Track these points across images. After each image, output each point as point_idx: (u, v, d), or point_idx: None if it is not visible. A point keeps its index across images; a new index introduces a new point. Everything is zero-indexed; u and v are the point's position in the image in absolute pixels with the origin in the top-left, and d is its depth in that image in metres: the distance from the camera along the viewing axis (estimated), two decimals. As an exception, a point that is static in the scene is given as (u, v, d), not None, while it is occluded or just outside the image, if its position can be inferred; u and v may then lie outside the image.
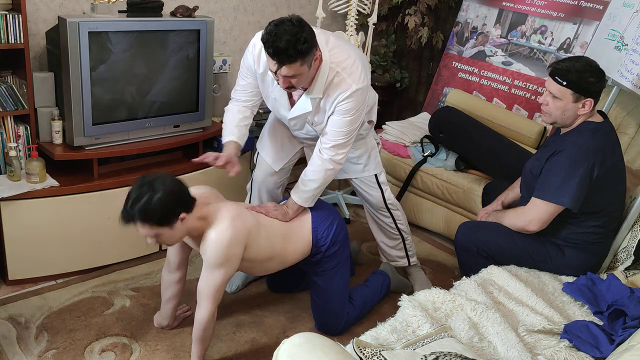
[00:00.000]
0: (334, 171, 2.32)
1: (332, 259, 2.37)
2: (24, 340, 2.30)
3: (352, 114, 2.22)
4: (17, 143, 2.63)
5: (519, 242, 2.33)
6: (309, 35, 2.02)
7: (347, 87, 2.17)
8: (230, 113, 2.42)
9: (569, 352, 1.82)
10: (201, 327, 2.12)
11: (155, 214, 1.93)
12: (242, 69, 2.36)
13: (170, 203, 1.94)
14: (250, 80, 2.35)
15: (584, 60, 2.21)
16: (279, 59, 2.02)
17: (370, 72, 2.34)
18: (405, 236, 2.80)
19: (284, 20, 2.02)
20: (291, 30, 1.98)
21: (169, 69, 2.91)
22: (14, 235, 2.56)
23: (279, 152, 2.59)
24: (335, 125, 2.24)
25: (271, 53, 2.02)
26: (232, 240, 2.05)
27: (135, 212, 1.92)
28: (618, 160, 2.30)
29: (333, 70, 2.18)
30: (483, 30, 3.81)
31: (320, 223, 2.35)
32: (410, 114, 4.28)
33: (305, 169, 2.36)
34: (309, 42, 2.01)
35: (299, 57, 2.01)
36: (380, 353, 1.51)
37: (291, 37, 1.97)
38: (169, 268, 2.34)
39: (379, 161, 2.70)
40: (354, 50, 2.29)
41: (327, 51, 2.17)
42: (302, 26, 2.01)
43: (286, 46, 1.97)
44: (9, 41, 2.47)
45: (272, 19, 2.06)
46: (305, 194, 2.33)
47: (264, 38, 2.02)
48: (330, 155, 2.28)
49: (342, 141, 2.27)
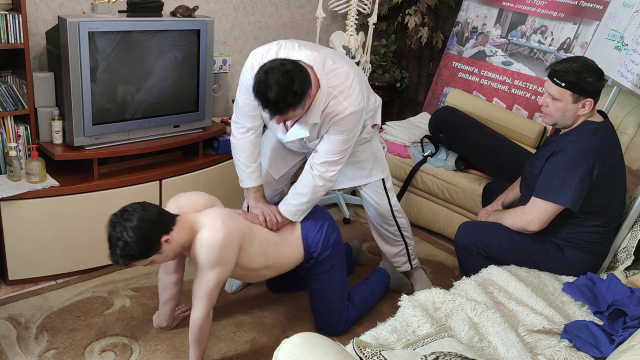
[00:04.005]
0: (323, 188, 2.29)
1: (325, 262, 2.36)
2: (24, 340, 2.30)
3: (345, 134, 2.20)
4: (17, 143, 2.63)
5: (519, 242, 2.33)
6: (299, 86, 1.96)
7: (343, 110, 2.14)
8: (240, 152, 2.36)
9: (569, 352, 1.82)
10: (197, 329, 2.12)
11: (136, 253, 1.96)
12: (240, 88, 2.26)
13: (146, 236, 1.95)
14: (252, 103, 2.19)
15: (582, 61, 2.21)
16: (270, 110, 1.99)
17: (368, 87, 2.30)
18: (408, 242, 2.78)
19: (273, 67, 1.96)
20: (281, 81, 1.92)
21: (168, 69, 2.91)
22: (14, 235, 2.56)
23: (280, 161, 2.58)
24: (328, 144, 2.22)
25: (262, 104, 1.99)
26: (226, 241, 2.04)
27: (119, 258, 1.97)
28: (618, 160, 2.30)
29: (330, 94, 2.14)
30: (483, 30, 3.81)
31: (309, 229, 2.33)
32: (410, 114, 4.29)
33: (295, 182, 2.34)
34: (299, 93, 1.97)
35: (290, 109, 1.99)
36: (380, 353, 1.52)
37: (281, 89, 1.92)
38: (166, 270, 2.33)
39: (385, 165, 2.65)
40: (353, 69, 2.24)
41: (325, 76, 2.13)
42: (292, 76, 1.95)
43: (276, 99, 1.94)
44: (9, 41, 2.47)
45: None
46: (292, 207, 2.31)
47: (254, 87, 1.98)
48: (321, 171, 2.25)
49: (334, 159, 2.24)
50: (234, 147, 2.38)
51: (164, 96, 2.94)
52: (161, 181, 2.90)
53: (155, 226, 1.98)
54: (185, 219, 2.08)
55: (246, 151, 2.35)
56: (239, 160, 2.37)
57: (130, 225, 1.93)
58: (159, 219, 2.01)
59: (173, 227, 2.02)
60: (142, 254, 1.98)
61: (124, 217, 1.96)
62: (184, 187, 2.87)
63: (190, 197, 2.24)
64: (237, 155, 2.38)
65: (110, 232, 1.97)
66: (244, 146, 2.35)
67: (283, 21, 3.90)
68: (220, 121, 3.32)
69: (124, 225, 1.94)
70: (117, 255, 1.96)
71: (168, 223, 2.02)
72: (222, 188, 3.10)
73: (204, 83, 3.05)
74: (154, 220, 1.99)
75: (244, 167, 2.37)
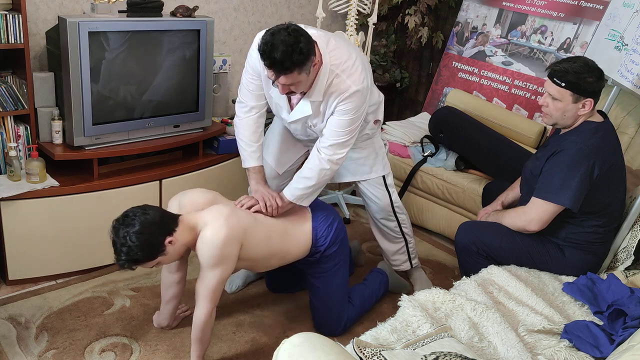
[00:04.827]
0: (330, 171, 2.31)
1: (331, 259, 2.36)
2: (24, 340, 2.30)
3: (352, 114, 2.21)
4: (17, 143, 2.63)
5: (519, 242, 2.33)
6: (305, 45, 1.99)
7: (347, 89, 2.16)
8: (243, 131, 2.38)
9: (569, 352, 1.82)
10: (199, 328, 2.12)
11: (141, 257, 1.97)
12: (247, 69, 2.32)
13: (149, 240, 1.96)
14: (257, 82, 2.31)
15: (582, 61, 2.21)
16: (275, 70, 2.00)
17: (371, 73, 2.33)
18: (408, 239, 2.79)
19: (280, 29, 1.99)
20: (287, 40, 1.95)
21: (169, 69, 2.91)
22: (14, 235, 2.56)
23: (283, 155, 2.59)
24: (334, 125, 2.23)
25: (267, 64, 2.00)
26: (228, 239, 2.04)
27: (124, 262, 1.98)
28: (618, 160, 2.30)
29: (333, 72, 2.16)
30: (483, 30, 3.81)
31: (320, 222, 2.34)
32: (410, 114, 4.29)
33: (301, 167, 2.35)
34: (305, 51, 1.99)
35: (295, 68, 1.99)
36: (380, 353, 1.52)
37: (287, 47, 1.95)
38: (169, 269, 2.33)
39: (386, 162, 2.67)
40: (355, 50, 2.27)
41: (327, 53, 2.15)
42: (298, 35, 1.98)
43: (282, 57, 1.95)
44: (9, 41, 2.47)
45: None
46: (298, 191, 2.31)
47: (260, 48, 2.00)
48: (329, 154, 2.26)
49: (341, 140, 2.25)
50: (237, 127, 2.40)
51: (164, 96, 2.94)
52: (161, 181, 2.90)
53: (157, 229, 1.99)
54: (187, 218, 2.08)
55: (249, 129, 2.37)
56: (242, 140, 2.39)
57: (133, 231, 1.94)
58: (161, 221, 2.01)
59: (176, 228, 2.03)
60: (146, 258, 1.99)
61: (126, 222, 1.97)
62: (183, 187, 2.85)
63: (192, 195, 2.24)
64: (240, 135, 2.39)
65: (113, 238, 1.98)
66: (246, 125, 2.37)
67: (283, 21, 3.88)
68: (220, 121, 3.32)
69: (126, 231, 1.95)
70: (123, 260, 1.97)
71: (170, 224, 2.03)
72: (222, 188, 3.10)
73: (204, 83, 3.05)
74: (156, 223, 1.99)
75: (246, 146, 2.38)
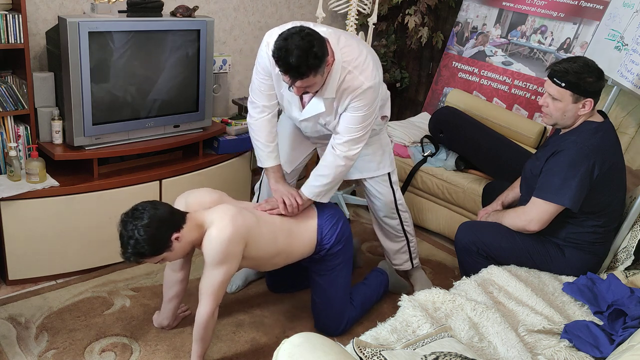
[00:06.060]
0: (345, 167, 2.31)
1: (336, 256, 2.37)
2: (24, 340, 2.30)
3: (365, 110, 2.20)
4: (17, 143, 2.63)
5: (519, 242, 2.33)
6: (319, 48, 1.98)
7: (360, 85, 2.15)
8: (258, 132, 2.37)
9: (569, 352, 1.82)
10: (201, 326, 2.12)
11: (147, 251, 1.98)
12: (257, 68, 2.28)
13: (156, 234, 1.97)
14: (268, 83, 2.29)
15: (582, 61, 2.21)
16: (291, 75, 1.99)
17: (381, 68, 2.31)
18: (410, 238, 2.79)
19: (292, 33, 1.98)
20: (301, 45, 1.94)
21: (169, 69, 2.91)
22: (14, 235, 2.56)
23: (291, 153, 2.58)
24: (348, 122, 2.23)
25: (283, 70, 1.99)
26: (233, 238, 2.05)
27: (130, 256, 1.99)
28: (618, 160, 2.30)
29: (345, 69, 2.15)
30: (483, 30, 3.81)
31: (326, 220, 2.35)
32: (410, 114, 4.29)
33: (317, 165, 2.35)
34: (320, 55, 1.98)
35: (311, 72, 1.98)
36: (380, 353, 1.52)
37: (302, 52, 1.93)
38: (172, 267, 2.33)
39: (392, 159, 2.67)
40: (365, 47, 2.26)
41: (339, 50, 2.14)
42: (312, 39, 1.97)
43: (298, 63, 1.94)
44: (9, 41, 2.47)
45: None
46: (315, 189, 2.32)
47: (275, 54, 1.98)
48: (344, 151, 2.26)
49: (356, 136, 2.25)
50: (252, 128, 2.39)
51: (164, 96, 2.94)
52: (161, 181, 2.90)
53: (165, 224, 2.00)
54: (194, 216, 2.09)
55: (264, 130, 2.36)
56: (258, 141, 2.38)
57: (141, 224, 1.95)
58: (170, 217, 2.03)
59: (183, 225, 2.04)
60: (152, 252, 2.00)
61: (135, 215, 1.98)
62: (184, 187, 2.85)
63: (198, 194, 2.25)
64: (256, 136, 2.38)
65: (121, 231, 1.99)
66: (261, 125, 2.36)
67: (283, 21, 3.87)
68: (220, 121, 3.32)
69: (134, 224, 1.96)
70: (129, 253, 1.98)
71: (179, 221, 2.04)
72: (222, 188, 3.06)
73: (204, 83, 3.05)
74: (165, 218, 2.01)
75: (263, 147, 2.38)
